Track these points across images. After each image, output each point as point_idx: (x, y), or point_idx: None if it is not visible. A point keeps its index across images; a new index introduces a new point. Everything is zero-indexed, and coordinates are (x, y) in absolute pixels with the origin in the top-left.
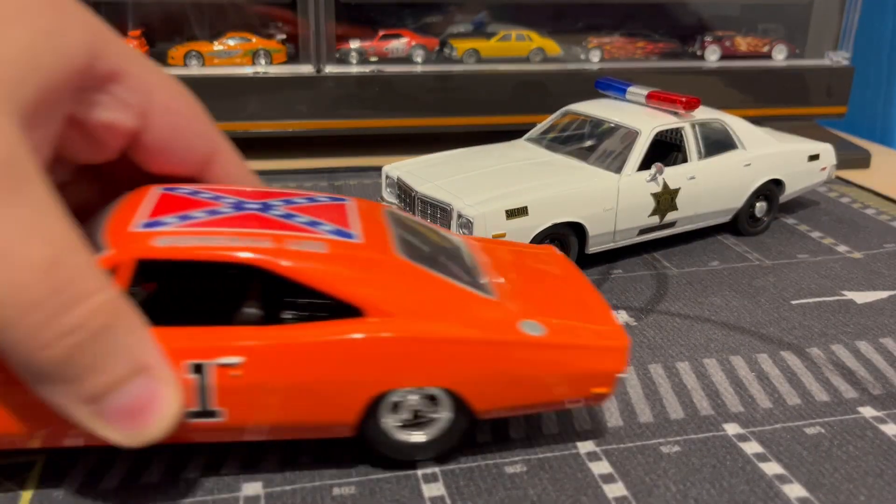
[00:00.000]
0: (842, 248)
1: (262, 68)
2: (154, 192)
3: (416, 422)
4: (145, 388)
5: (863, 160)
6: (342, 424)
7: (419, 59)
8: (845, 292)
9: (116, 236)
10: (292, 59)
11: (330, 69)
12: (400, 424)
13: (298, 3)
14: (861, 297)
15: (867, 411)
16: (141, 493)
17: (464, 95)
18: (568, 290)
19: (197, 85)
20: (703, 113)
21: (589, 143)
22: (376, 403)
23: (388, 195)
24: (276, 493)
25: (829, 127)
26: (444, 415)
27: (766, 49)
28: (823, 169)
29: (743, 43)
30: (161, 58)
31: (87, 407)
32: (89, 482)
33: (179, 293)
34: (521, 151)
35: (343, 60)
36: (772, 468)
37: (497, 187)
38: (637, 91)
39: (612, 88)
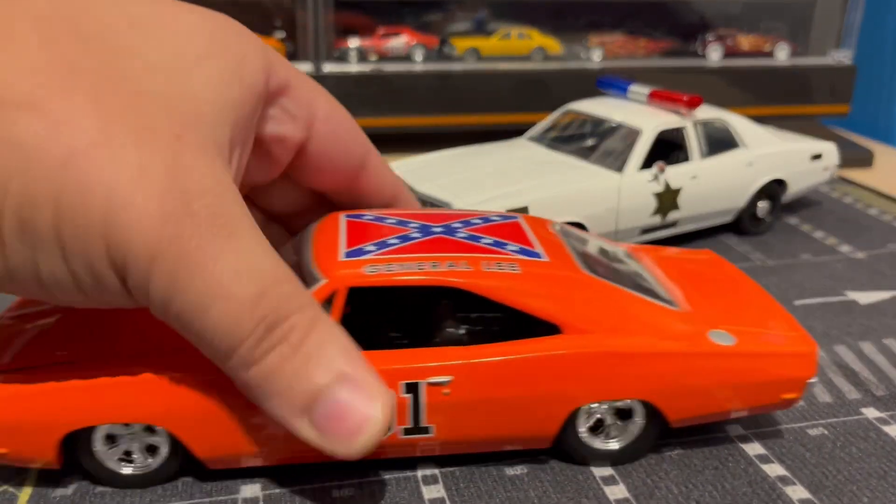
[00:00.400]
0: (845, 249)
1: None
2: (342, 220)
3: (608, 430)
4: (348, 395)
5: (866, 159)
6: (542, 437)
7: (419, 58)
8: (848, 293)
9: (328, 266)
10: (291, 57)
11: (329, 68)
12: (594, 434)
13: (297, 1)
14: (864, 297)
15: (870, 412)
16: (138, 495)
17: (464, 94)
18: (743, 296)
19: None
20: (706, 112)
21: (590, 142)
22: (573, 415)
23: None
24: (275, 495)
25: (831, 126)
26: (637, 423)
27: (768, 48)
28: (826, 168)
29: (745, 41)
30: None
31: (302, 418)
32: (87, 484)
33: (387, 318)
34: (522, 150)
35: (342, 59)
36: (774, 470)
37: (497, 186)
38: (638, 90)
39: (613, 87)
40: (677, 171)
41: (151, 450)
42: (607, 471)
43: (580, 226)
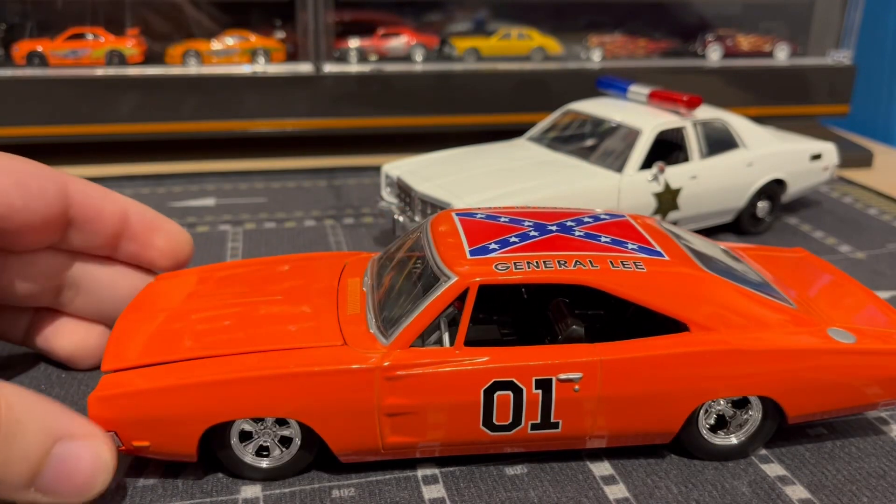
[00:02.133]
0: (844, 249)
1: (260, 67)
2: (455, 218)
3: (729, 425)
4: (66, 451)
5: (865, 159)
6: (666, 433)
7: (419, 58)
8: None
9: (458, 264)
10: (291, 57)
11: (329, 68)
12: (713, 428)
13: (297, 1)
14: None
15: (870, 413)
16: (139, 495)
17: (464, 94)
18: (848, 294)
19: (195, 84)
20: (705, 112)
21: (590, 142)
22: (695, 411)
23: (388, 195)
24: (275, 496)
25: (831, 126)
26: (755, 419)
27: (767, 48)
28: (826, 168)
29: (745, 42)
30: (159, 57)
31: (28, 491)
32: None
33: (516, 315)
34: (522, 150)
35: (342, 59)
36: (774, 469)
37: (497, 186)
38: (638, 90)
39: (613, 87)
40: (677, 171)
41: (285, 442)
42: (607, 470)
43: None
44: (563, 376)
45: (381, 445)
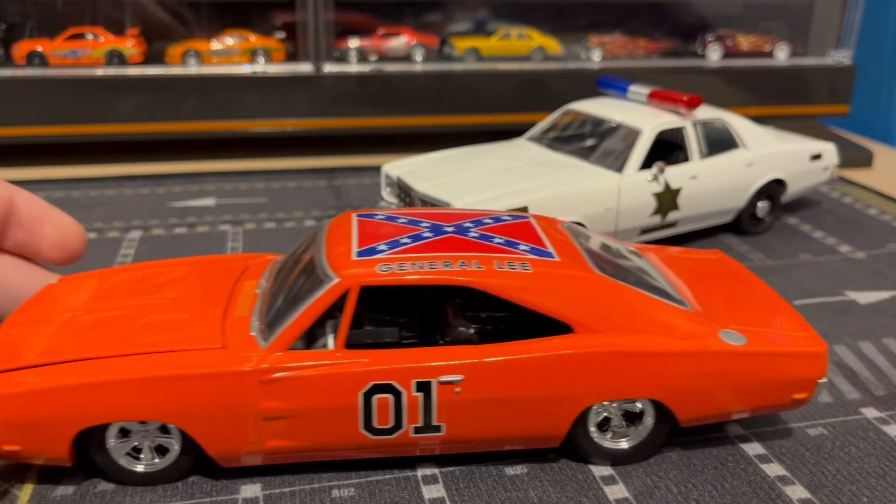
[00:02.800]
0: (844, 249)
1: (260, 67)
2: (354, 220)
3: (619, 429)
4: None
5: (865, 159)
6: (552, 436)
7: (419, 58)
8: (848, 293)
9: (341, 265)
10: (291, 57)
11: (329, 68)
12: (605, 433)
13: (297, 1)
14: (864, 297)
15: (870, 412)
16: (138, 495)
17: (464, 94)
18: (752, 296)
19: (195, 84)
20: (705, 112)
21: (590, 142)
22: (584, 414)
23: (388, 195)
24: (275, 495)
25: (831, 126)
26: (647, 423)
27: (767, 48)
28: (826, 168)
29: (745, 42)
30: (159, 56)
31: None
32: (87, 484)
33: (399, 317)
34: (522, 150)
35: (342, 59)
36: (774, 469)
37: (497, 186)
38: (638, 90)
39: (613, 87)
40: (677, 171)
41: (161, 450)
42: (607, 470)
43: (580, 226)
44: (443, 378)
45: (261, 450)
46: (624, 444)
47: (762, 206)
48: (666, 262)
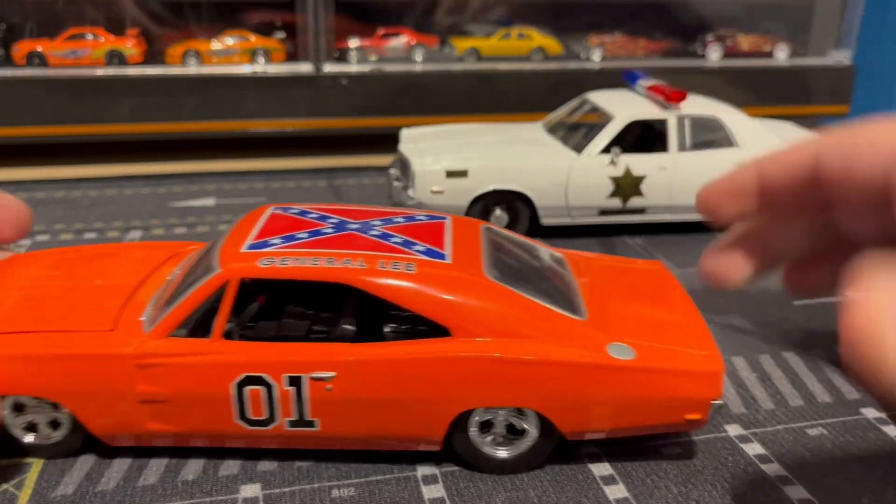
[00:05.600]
0: None
1: (260, 67)
2: (267, 213)
3: (506, 438)
4: None
5: None
6: (429, 439)
7: (419, 58)
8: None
9: (226, 257)
10: (291, 57)
11: (329, 68)
12: (490, 440)
13: (297, 1)
14: None
15: (869, 412)
16: (138, 495)
17: (464, 94)
18: (667, 311)
19: (195, 84)
20: (699, 107)
21: (581, 126)
22: (463, 419)
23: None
24: (275, 495)
25: (831, 126)
26: (531, 433)
27: (767, 48)
28: None
29: (745, 42)
30: (159, 56)
31: None
32: (87, 484)
33: (282, 310)
34: (523, 132)
35: (342, 59)
36: (774, 469)
37: (454, 153)
38: (644, 83)
39: (628, 79)
40: (643, 159)
41: (55, 424)
42: (607, 470)
43: (524, 197)
44: (314, 374)
45: (141, 431)
46: (503, 454)
47: None
48: (594, 272)
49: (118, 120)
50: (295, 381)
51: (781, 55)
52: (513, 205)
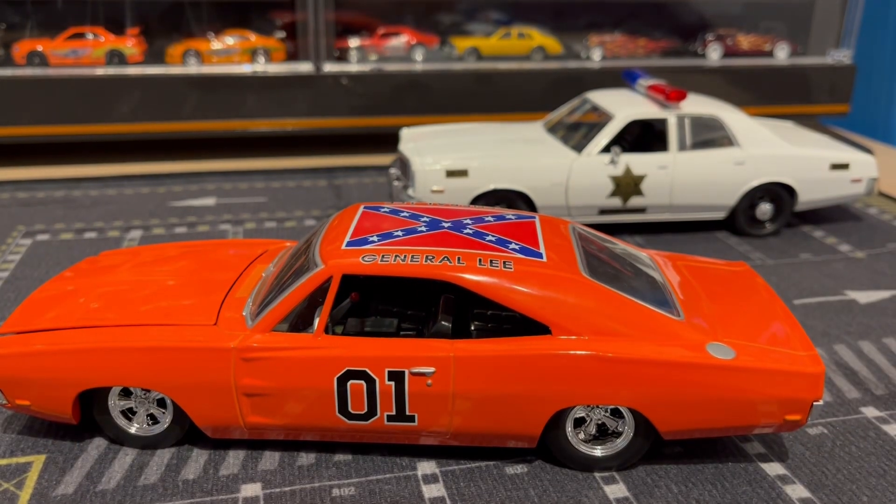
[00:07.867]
0: (844, 248)
1: (260, 67)
2: (360, 211)
3: (599, 436)
4: None
5: None
6: (525, 436)
7: (419, 58)
8: (848, 292)
9: (328, 253)
10: (291, 57)
11: (329, 67)
12: (582, 438)
13: (297, 1)
14: (864, 296)
15: (870, 411)
16: (139, 494)
17: (464, 94)
18: (759, 312)
19: (195, 83)
20: (699, 107)
21: (581, 126)
22: (559, 417)
23: (396, 168)
24: (276, 495)
25: (831, 126)
26: (626, 432)
27: (767, 47)
28: (857, 181)
29: (745, 41)
30: (159, 56)
31: None
32: (87, 483)
33: (382, 306)
34: (523, 131)
35: (342, 59)
36: (774, 469)
37: (454, 152)
38: (644, 82)
39: (629, 78)
40: (643, 159)
41: (154, 419)
42: (607, 469)
43: (525, 196)
44: (415, 370)
45: (244, 424)
46: (599, 453)
47: (764, 208)
48: (680, 271)
49: (118, 120)
50: (396, 376)
51: (781, 54)
52: (513, 204)
